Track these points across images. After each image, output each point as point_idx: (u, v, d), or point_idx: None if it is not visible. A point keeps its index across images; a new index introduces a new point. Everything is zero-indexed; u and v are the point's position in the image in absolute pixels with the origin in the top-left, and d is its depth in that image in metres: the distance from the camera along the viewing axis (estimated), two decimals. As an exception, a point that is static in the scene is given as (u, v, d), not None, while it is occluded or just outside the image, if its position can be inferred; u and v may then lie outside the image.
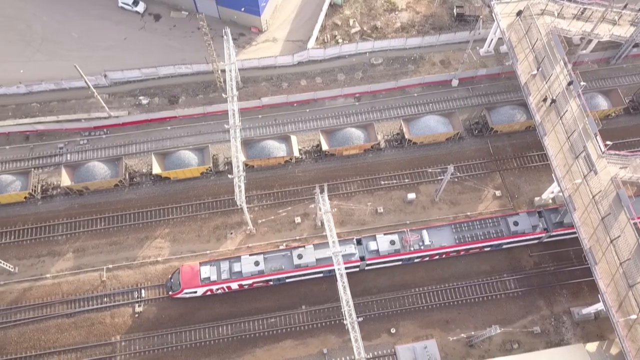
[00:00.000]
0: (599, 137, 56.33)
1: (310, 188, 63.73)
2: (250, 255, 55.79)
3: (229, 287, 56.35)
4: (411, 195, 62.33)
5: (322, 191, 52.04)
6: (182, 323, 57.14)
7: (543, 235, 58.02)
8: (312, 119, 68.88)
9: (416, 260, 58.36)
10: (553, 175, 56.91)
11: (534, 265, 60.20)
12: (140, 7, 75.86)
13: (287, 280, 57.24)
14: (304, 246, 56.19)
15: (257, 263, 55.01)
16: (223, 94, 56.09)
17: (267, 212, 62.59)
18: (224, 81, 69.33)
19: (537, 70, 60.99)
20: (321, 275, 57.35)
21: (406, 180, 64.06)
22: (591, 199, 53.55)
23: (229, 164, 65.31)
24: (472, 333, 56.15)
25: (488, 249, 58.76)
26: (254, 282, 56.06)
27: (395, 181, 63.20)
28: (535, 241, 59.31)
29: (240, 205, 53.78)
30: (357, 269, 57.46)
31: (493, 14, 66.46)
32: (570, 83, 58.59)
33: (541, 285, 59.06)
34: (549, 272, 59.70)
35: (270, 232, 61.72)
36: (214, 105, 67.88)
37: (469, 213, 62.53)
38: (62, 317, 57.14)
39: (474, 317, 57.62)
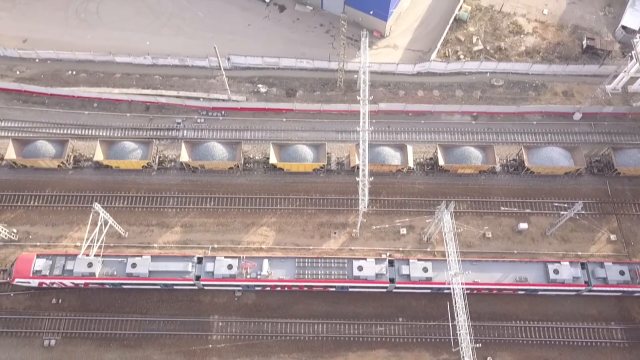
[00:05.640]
0: None
1: (420, 201, 63.25)
2: (87, 255, 54.28)
3: (62, 284, 55.74)
4: (523, 225, 60.74)
5: (447, 207, 51.27)
6: (279, 314, 57.60)
7: (388, 285, 55.10)
8: (425, 131, 68.18)
9: (257, 289, 56.93)
10: (684, 229, 54.32)
11: (644, 318, 57.77)
12: (267, -4, 77.06)
13: (124, 287, 56.65)
14: (140, 256, 55.38)
15: (90, 265, 54.23)
16: (357, 97, 55.87)
17: (372, 219, 62.15)
18: (344, 81, 69.96)
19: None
20: (158, 287, 56.82)
21: (525, 209, 62.14)
22: None
23: (340, 164, 65.45)
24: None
25: (333, 289, 56.66)
26: (87, 283, 55.60)
27: (516, 209, 61.67)
28: (384, 290, 56.23)
29: (363, 209, 53.62)
30: (194, 287, 56.71)
31: (633, 53, 63.94)
32: None
33: (650, 340, 56.67)
34: (661, 328, 57.20)
35: (373, 239, 61.41)
36: (332, 104, 68.12)
37: (579, 253, 60.46)
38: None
39: (576, 362, 55.84)
